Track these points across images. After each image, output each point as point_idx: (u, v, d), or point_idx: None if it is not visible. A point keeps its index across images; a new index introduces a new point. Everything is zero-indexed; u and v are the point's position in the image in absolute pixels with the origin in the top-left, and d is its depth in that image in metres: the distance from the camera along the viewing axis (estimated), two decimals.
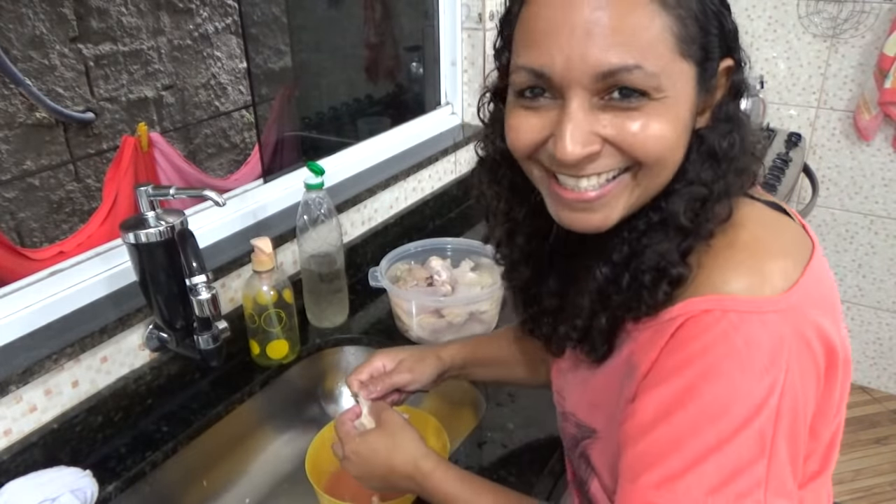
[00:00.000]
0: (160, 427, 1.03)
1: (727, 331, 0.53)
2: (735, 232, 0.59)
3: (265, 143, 1.99)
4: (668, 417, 0.55)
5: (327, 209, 1.18)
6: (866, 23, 2.12)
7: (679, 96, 0.56)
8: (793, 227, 0.63)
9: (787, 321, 0.54)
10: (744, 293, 0.54)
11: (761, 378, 0.53)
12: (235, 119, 3.04)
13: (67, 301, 1.00)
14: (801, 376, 0.55)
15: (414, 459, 0.79)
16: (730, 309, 0.54)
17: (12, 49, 2.17)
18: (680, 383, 0.55)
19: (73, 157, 2.44)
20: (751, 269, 0.56)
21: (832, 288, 0.62)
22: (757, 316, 0.53)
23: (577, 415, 0.74)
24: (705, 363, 0.54)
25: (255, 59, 2.47)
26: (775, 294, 0.55)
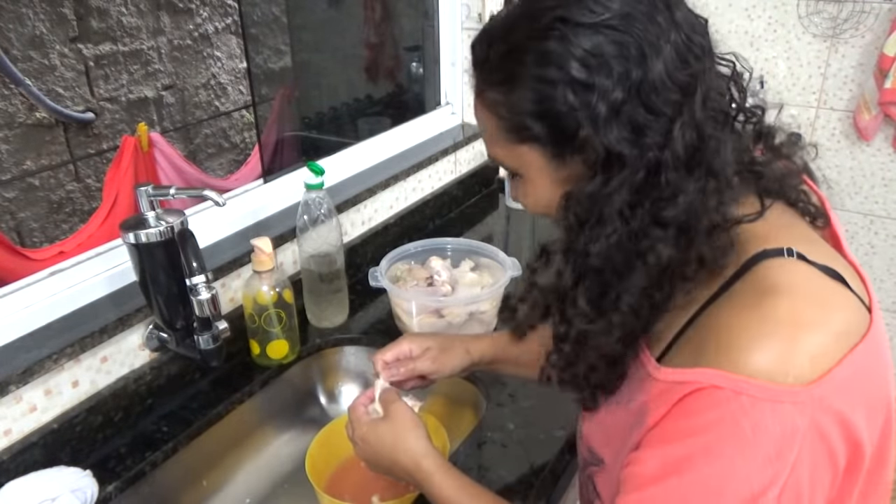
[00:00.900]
0: (160, 427, 1.03)
1: (735, 413, 0.51)
2: (772, 302, 0.53)
3: (265, 143, 1.99)
4: (662, 481, 0.54)
5: (327, 209, 1.18)
6: (866, 23, 2.12)
7: (531, 172, 0.63)
8: (847, 300, 0.56)
9: (805, 414, 0.51)
10: (763, 377, 0.51)
11: (763, 468, 0.51)
12: (235, 119, 3.05)
13: (67, 301, 1.00)
14: (810, 473, 0.52)
15: (416, 458, 0.79)
16: (743, 392, 0.51)
17: (12, 49, 2.17)
18: (680, 451, 0.54)
19: (73, 157, 2.44)
20: (777, 352, 0.51)
21: (882, 375, 0.57)
22: (770, 405, 0.50)
23: (591, 441, 0.74)
24: (708, 440, 0.52)
25: (255, 59, 2.47)
26: (799, 384, 0.51)
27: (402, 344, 0.92)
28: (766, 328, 0.52)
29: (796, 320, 0.52)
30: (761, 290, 0.55)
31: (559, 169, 0.61)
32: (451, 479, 0.77)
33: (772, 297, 0.53)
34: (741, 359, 0.52)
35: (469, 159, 1.77)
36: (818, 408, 0.51)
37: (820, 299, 0.55)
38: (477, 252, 1.32)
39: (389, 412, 0.84)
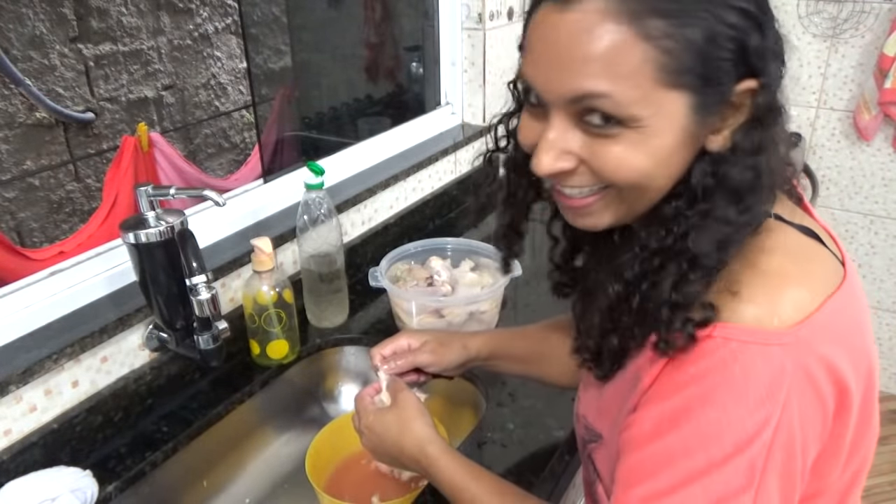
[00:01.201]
0: (160, 427, 1.03)
1: (726, 359, 0.53)
2: (756, 258, 0.57)
3: (265, 143, 1.99)
4: (662, 435, 0.55)
5: (327, 209, 1.18)
6: (866, 23, 2.12)
7: (662, 126, 0.54)
8: (823, 255, 0.60)
9: (791, 355, 0.53)
10: (750, 323, 0.53)
11: (756, 410, 0.52)
12: (235, 119, 3.05)
13: (67, 301, 1.00)
14: (800, 413, 0.54)
15: (421, 444, 0.80)
16: (732, 338, 0.53)
17: (12, 49, 2.17)
18: (676, 403, 0.55)
19: (73, 157, 2.44)
20: (762, 299, 0.54)
21: (859, 323, 0.60)
22: (759, 347, 0.53)
23: (588, 418, 0.74)
24: (702, 388, 0.54)
25: (255, 59, 2.47)
26: (783, 326, 0.53)
27: (400, 338, 0.93)
28: (752, 282, 0.55)
29: (781, 273, 0.56)
30: (747, 248, 0.57)
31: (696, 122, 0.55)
32: (455, 463, 0.78)
33: (755, 255, 0.57)
34: (730, 311, 0.54)
35: (469, 159, 1.77)
36: (803, 349, 0.53)
37: (799, 254, 0.59)
38: (477, 252, 1.32)
39: (396, 400, 0.84)
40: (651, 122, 0.54)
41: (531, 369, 0.97)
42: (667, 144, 0.55)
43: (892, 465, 2.21)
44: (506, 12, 1.76)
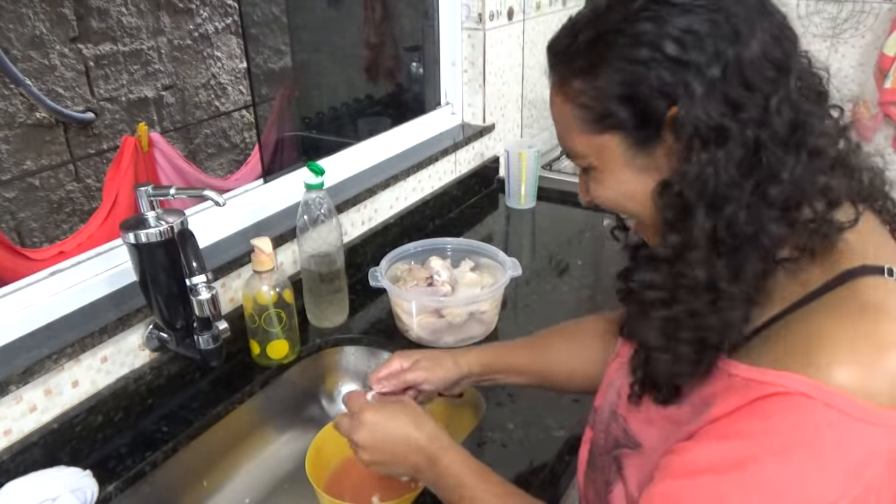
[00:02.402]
0: (160, 427, 1.03)
1: (820, 425, 0.50)
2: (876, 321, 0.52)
3: (265, 143, 1.99)
4: (721, 472, 0.53)
5: (327, 209, 1.18)
6: (866, 23, 2.12)
7: (610, 162, 0.62)
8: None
9: (891, 437, 0.50)
10: (854, 392, 0.50)
11: (835, 482, 0.50)
12: (235, 119, 3.05)
13: (67, 301, 1.00)
14: (878, 497, 0.52)
15: (430, 435, 0.78)
16: (832, 405, 0.50)
17: (12, 49, 2.17)
18: (748, 449, 0.53)
19: (73, 157, 2.45)
20: (869, 368, 0.50)
21: None
22: (858, 424, 0.50)
23: (629, 421, 0.71)
24: (782, 443, 0.51)
25: (255, 59, 2.47)
26: (887, 406, 0.50)
27: (392, 362, 0.92)
28: (863, 346, 0.51)
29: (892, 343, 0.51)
30: (861, 306, 0.54)
31: (639, 157, 0.60)
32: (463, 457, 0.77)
33: (873, 316, 0.52)
34: (832, 370, 0.51)
35: (469, 159, 1.77)
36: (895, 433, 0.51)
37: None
38: (477, 252, 1.32)
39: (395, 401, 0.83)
40: (597, 164, 0.63)
41: (535, 380, 0.95)
42: (620, 178, 0.63)
43: None
44: (506, 12, 1.76)
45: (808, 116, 0.57)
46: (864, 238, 0.59)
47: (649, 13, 0.56)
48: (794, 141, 0.56)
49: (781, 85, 0.56)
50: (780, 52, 0.56)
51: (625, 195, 0.63)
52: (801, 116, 0.56)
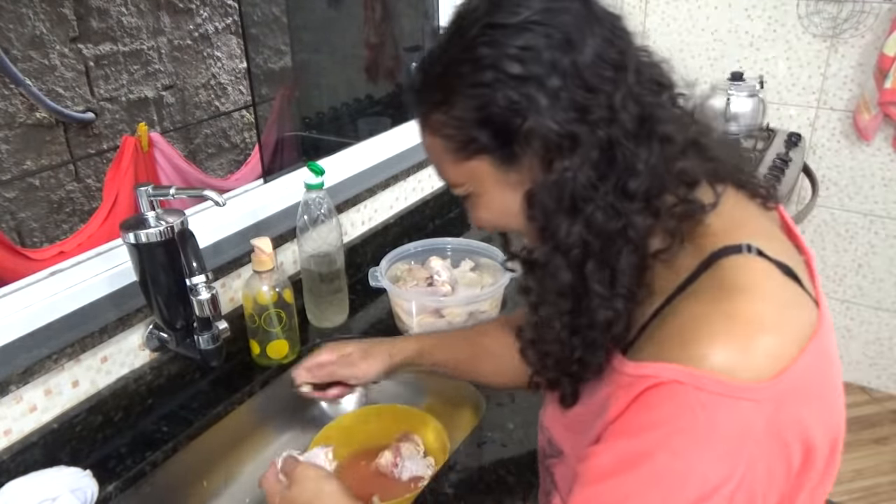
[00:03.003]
0: (160, 427, 1.03)
1: (694, 408, 0.52)
2: (735, 301, 0.55)
3: (265, 143, 1.99)
4: (620, 474, 0.55)
5: (327, 209, 1.18)
6: (866, 23, 2.12)
7: (485, 185, 0.64)
8: (800, 301, 0.58)
9: (763, 414, 0.52)
10: (722, 373, 0.52)
11: (718, 464, 0.52)
12: (235, 119, 3.05)
13: (67, 301, 1.00)
14: (766, 473, 0.54)
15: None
16: (701, 387, 0.52)
17: (12, 49, 2.17)
18: (638, 445, 0.54)
19: (73, 157, 2.44)
20: (737, 347, 0.53)
21: (832, 373, 0.59)
22: (728, 401, 0.52)
23: (552, 431, 0.74)
24: (665, 433, 0.53)
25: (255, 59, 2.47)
26: (757, 380, 0.52)
27: (320, 354, 0.94)
28: (727, 326, 0.54)
29: (756, 320, 0.54)
30: (724, 287, 0.56)
31: (510, 173, 0.62)
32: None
33: (735, 296, 0.55)
34: (702, 354, 0.53)
35: None
36: (775, 407, 0.52)
37: (778, 299, 0.57)
38: (477, 252, 1.32)
39: (294, 478, 0.80)
40: (473, 189, 0.66)
41: (463, 372, 0.97)
42: (496, 198, 0.65)
43: (892, 465, 2.21)
44: None
45: (652, 108, 0.59)
46: (724, 219, 0.61)
47: (486, 38, 0.58)
48: (644, 132, 0.58)
49: (621, 82, 0.58)
50: (615, 51, 0.58)
51: (504, 213, 0.65)
52: (647, 109, 0.58)
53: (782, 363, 0.53)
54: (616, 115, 0.57)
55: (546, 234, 0.61)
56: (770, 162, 1.99)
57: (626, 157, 0.57)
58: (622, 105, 0.57)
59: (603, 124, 0.57)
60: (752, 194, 0.66)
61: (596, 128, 0.57)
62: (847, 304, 2.46)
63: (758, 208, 0.66)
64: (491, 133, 0.60)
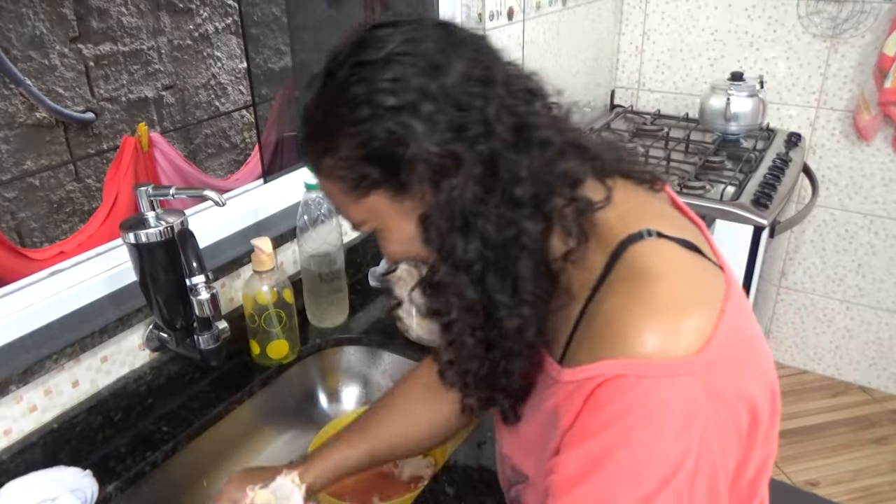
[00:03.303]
0: (160, 427, 1.03)
1: (641, 397, 0.54)
2: (650, 286, 0.56)
3: (265, 143, 1.98)
4: (588, 477, 0.56)
5: (327, 209, 1.18)
6: (866, 23, 2.12)
7: (385, 222, 0.65)
8: (707, 270, 0.61)
9: (702, 383, 0.54)
10: (657, 356, 0.54)
11: (676, 442, 0.53)
12: (235, 119, 3.05)
13: (67, 301, 1.00)
14: (718, 437, 0.55)
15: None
16: (644, 374, 0.54)
17: (12, 49, 2.17)
18: (598, 445, 0.55)
19: (73, 157, 2.44)
20: (664, 330, 0.55)
21: (753, 331, 0.61)
22: (670, 380, 0.53)
23: (513, 458, 0.74)
24: (622, 427, 0.54)
25: (255, 59, 2.47)
26: (688, 354, 0.54)
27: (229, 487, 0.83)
28: (650, 310, 0.55)
29: (673, 299, 0.56)
30: (635, 275, 0.58)
31: (405, 202, 0.63)
32: None
33: (647, 281, 0.57)
34: (634, 344, 0.54)
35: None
36: (709, 373, 0.54)
37: (686, 274, 0.59)
38: None
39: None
40: (377, 224, 0.66)
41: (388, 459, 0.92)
42: (399, 229, 0.65)
43: (892, 465, 2.21)
44: (506, 12, 1.76)
45: (526, 116, 0.61)
46: (619, 210, 0.63)
47: (356, 76, 0.60)
48: (522, 141, 0.60)
49: (492, 96, 0.59)
50: (481, 68, 0.60)
51: (408, 242, 0.66)
52: (521, 118, 0.60)
53: (707, 333, 0.55)
54: (492, 128, 0.59)
55: (445, 254, 0.62)
56: (770, 162, 1.99)
57: (509, 167, 0.59)
58: (496, 117, 0.59)
59: (481, 139, 0.59)
60: (638, 181, 0.68)
61: (475, 143, 0.59)
62: (847, 304, 2.46)
63: (647, 193, 0.68)
64: (378, 166, 0.61)
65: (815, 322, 2.53)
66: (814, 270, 2.48)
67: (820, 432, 2.34)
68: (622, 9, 2.47)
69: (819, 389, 2.52)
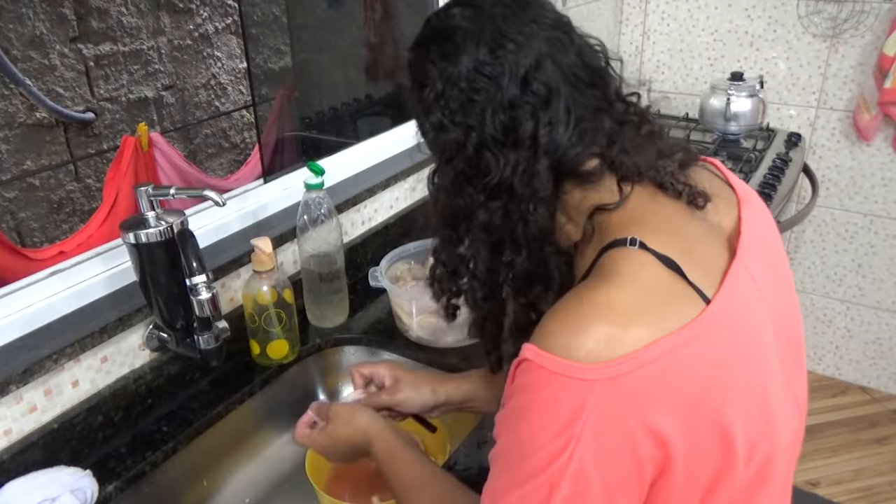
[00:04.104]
0: (160, 427, 1.03)
1: (538, 383, 0.56)
2: (593, 287, 0.57)
3: (265, 143, 1.99)
4: (497, 438, 0.62)
5: (327, 209, 1.18)
6: (866, 23, 2.12)
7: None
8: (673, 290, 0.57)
9: (593, 393, 0.53)
10: (558, 353, 0.55)
11: (556, 437, 0.55)
12: (235, 119, 3.04)
13: (67, 301, 1.00)
14: (597, 455, 0.54)
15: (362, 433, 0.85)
16: (543, 365, 0.55)
17: (12, 49, 2.17)
18: (504, 412, 0.61)
19: (73, 157, 2.44)
20: (575, 329, 0.55)
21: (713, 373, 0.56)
22: (562, 378, 0.54)
23: None
24: (520, 402, 0.58)
25: (255, 59, 2.46)
26: (588, 362, 0.53)
27: (379, 367, 0.98)
28: (579, 311, 0.56)
29: (608, 309, 0.55)
30: (598, 276, 0.59)
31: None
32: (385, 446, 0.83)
33: (597, 284, 0.58)
34: (548, 336, 0.57)
35: None
36: (609, 388, 0.53)
37: (643, 287, 0.57)
38: None
39: (331, 415, 0.88)
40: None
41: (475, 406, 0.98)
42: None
43: (892, 465, 2.21)
44: None
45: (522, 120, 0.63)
46: (627, 214, 0.63)
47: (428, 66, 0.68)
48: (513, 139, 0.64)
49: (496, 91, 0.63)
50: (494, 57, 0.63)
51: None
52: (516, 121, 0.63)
53: (626, 347, 0.53)
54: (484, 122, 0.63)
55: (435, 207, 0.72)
56: (770, 162, 1.99)
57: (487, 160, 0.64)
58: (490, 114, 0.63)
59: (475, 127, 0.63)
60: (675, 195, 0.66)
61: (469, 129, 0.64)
62: (847, 304, 2.46)
63: (674, 205, 0.65)
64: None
65: (815, 322, 2.53)
66: (814, 270, 2.48)
67: (820, 432, 2.34)
68: (622, 9, 2.47)
69: (819, 389, 2.52)
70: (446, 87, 0.64)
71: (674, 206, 0.65)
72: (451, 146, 0.65)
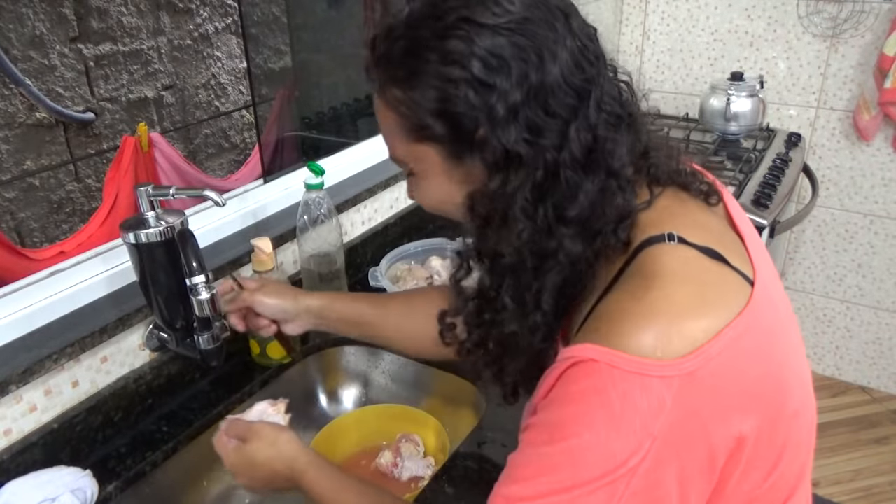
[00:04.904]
0: (160, 427, 1.03)
1: (606, 384, 0.54)
2: (651, 289, 0.57)
3: (265, 143, 1.99)
4: (537, 445, 0.58)
5: (327, 209, 1.18)
6: (866, 23, 2.12)
7: (428, 171, 0.66)
8: (724, 277, 0.59)
9: (672, 390, 0.53)
10: (634, 353, 0.53)
11: (627, 438, 0.53)
12: (235, 119, 3.04)
13: (67, 301, 1.00)
14: (677, 453, 0.54)
15: (290, 461, 0.79)
16: (615, 365, 0.54)
17: (12, 49, 2.17)
18: (557, 417, 0.57)
19: (73, 157, 2.44)
20: (653, 334, 0.54)
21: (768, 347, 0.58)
22: (638, 378, 0.53)
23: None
24: (579, 408, 0.55)
25: (255, 59, 2.47)
26: (665, 358, 0.53)
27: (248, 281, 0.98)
28: (642, 310, 0.56)
29: (671, 305, 0.55)
30: (644, 276, 0.58)
31: (456, 168, 0.64)
32: (322, 473, 0.78)
33: (650, 283, 0.57)
34: (617, 336, 0.55)
35: None
36: (688, 384, 0.53)
37: (696, 280, 0.57)
38: None
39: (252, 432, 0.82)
40: (419, 168, 0.67)
41: (367, 334, 0.98)
42: (438, 186, 0.66)
43: (892, 465, 2.21)
44: None
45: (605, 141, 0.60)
46: (656, 213, 0.63)
47: (461, 31, 0.57)
48: (592, 163, 0.59)
49: (581, 111, 0.59)
50: (582, 77, 0.59)
51: (444, 202, 0.68)
52: (599, 140, 0.59)
53: (698, 340, 0.54)
54: (567, 143, 0.58)
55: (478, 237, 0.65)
56: (770, 162, 1.99)
57: (570, 184, 0.59)
58: (576, 134, 0.58)
59: (552, 149, 0.58)
60: (696, 194, 0.68)
61: (545, 151, 0.58)
62: (847, 304, 2.46)
63: (697, 204, 0.67)
64: (446, 127, 0.60)
65: (816, 322, 2.53)
66: (814, 270, 2.48)
67: (820, 432, 2.33)
68: (622, 9, 2.47)
69: (819, 389, 2.52)
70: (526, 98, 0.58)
71: (695, 202, 0.67)
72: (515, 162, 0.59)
